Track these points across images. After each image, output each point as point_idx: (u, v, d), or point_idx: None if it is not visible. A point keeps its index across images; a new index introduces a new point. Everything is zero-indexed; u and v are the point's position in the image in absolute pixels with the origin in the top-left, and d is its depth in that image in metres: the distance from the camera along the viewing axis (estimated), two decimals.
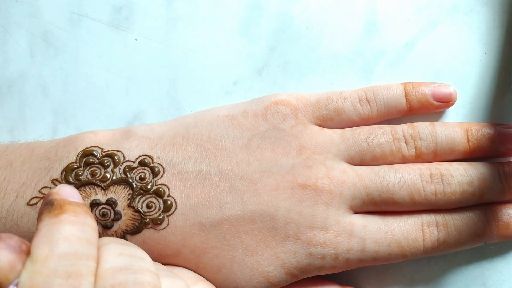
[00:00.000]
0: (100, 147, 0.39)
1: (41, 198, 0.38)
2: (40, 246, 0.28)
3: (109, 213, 0.38)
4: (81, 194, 0.38)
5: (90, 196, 0.38)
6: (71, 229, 0.29)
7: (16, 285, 0.28)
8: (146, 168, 0.39)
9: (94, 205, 0.37)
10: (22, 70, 0.45)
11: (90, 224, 0.30)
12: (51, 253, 0.28)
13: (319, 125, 0.41)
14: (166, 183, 0.39)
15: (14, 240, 0.29)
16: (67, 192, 0.31)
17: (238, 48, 0.45)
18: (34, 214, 0.37)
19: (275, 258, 0.38)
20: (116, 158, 0.39)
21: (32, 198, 0.38)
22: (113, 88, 0.45)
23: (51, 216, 0.29)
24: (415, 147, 0.40)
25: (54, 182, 0.38)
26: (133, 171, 0.39)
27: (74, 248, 0.29)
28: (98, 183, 0.38)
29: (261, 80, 0.45)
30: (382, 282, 0.43)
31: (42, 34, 0.45)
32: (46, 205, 0.30)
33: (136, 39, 0.45)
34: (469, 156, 0.41)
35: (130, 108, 0.45)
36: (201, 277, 0.38)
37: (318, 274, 0.39)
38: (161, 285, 0.31)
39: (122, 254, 0.31)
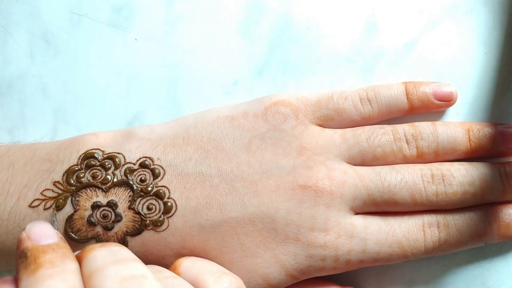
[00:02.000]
0: (101, 149, 0.39)
1: (43, 200, 0.38)
2: None
3: (109, 215, 0.38)
4: (82, 196, 0.38)
5: (91, 198, 0.38)
6: (52, 283, 0.28)
7: None
8: (146, 170, 0.39)
9: (95, 207, 0.38)
10: (22, 70, 0.45)
11: (70, 270, 0.29)
12: None
13: (320, 125, 0.41)
14: (167, 185, 0.39)
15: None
16: (37, 234, 0.30)
17: (238, 48, 0.45)
18: (36, 216, 0.37)
19: (274, 260, 0.38)
20: (117, 160, 0.39)
21: (34, 200, 0.38)
22: (113, 88, 0.45)
23: (28, 274, 0.28)
24: (417, 147, 0.40)
25: (56, 184, 0.38)
26: (134, 173, 0.39)
27: None
28: (99, 185, 0.38)
29: (261, 80, 0.45)
30: (382, 282, 0.43)
31: (42, 34, 0.45)
32: (20, 258, 0.29)
33: (136, 39, 0.45)
34: (470, 155, 0.41)
35: (130, 108, 0.45)
36: (225, 270, 0.37)
37: (318, 275, 0.39)
38: None
39: (125, 279, 0.29)
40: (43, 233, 0.30)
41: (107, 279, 0.28)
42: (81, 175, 0.38)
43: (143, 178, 0.38)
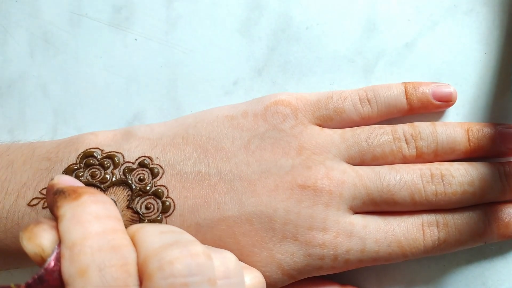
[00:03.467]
0: (101, 148, 0.39)
1: (42, 199, 0.38)
2: (72, 230, 0.29)
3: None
4: None
5: None
6: (97, 208, 0.30)
7: (55, 258, 0.28)
8: (145, 169, 0.39)
9: None
10: (22, 70, 0.45)
11: (109, 201, 0.31)
12: (88, 232, 0.29)
13: (319, 125, 0.41)
14: (165, 184, 0.39)
15: (52, 220, 0.30)
16: (67, 180, 0.32)
17: (238, 48, 0.45)
18: (35, 215, 0.37)
19: (271, 260, 0.38)
20: (116, 159, 0.39)
21: (33, 199, 0.38)
22: (113, 88, 0.45)
23: (70, 201, 0.30)
24: (416, 147, 0.40)
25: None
26: (133, 172, 0.39)
27: (108, 225, 0.29)
28: (98, 184, 0.38)
29: (261, 80, 0.44)
30: (382, 282, 0.43)
31: (42, 34, 0.45)
32: (57, 194, 0.31)
33: (136, 39, 0.45)
34: (469, 155, 0.41)
35: (130, 108, 0.45)
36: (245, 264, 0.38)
37: (316, 275, 0.39)
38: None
39: (163, 232, 0.31)
40: (73, 180, 0.33)
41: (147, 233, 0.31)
42: (80, 174, 0.38)
43: (142, 177, 0.38)
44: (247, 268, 0.37)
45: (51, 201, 0.31)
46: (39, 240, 0.29)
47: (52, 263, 0.28)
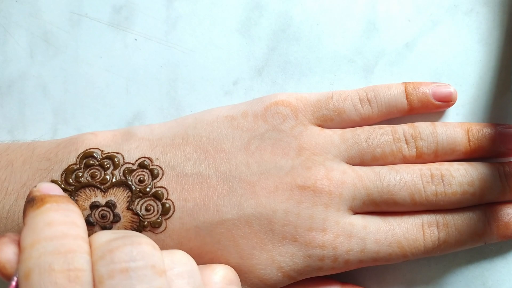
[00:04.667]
0: (100, 149, 0.39)
1: None
2: (26, 236, 0.29)
3: (108, 215, 0.37)
4: (80, 196, 0.38)
5: (89, 198, 0.38)
6: (54, 215, 0.30)
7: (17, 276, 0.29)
8: (145, 170, 0.39)
9: (93, 207, 0.37)
10: (22, 70, 0.45)
11: (73, 210, 0.31)
12: (37, 238, 0.29)
13: (319, 126, 0.41)
14: (165, 186, 0.38)
15: (16, 235, 0.30)
16: (47, 188, 0.32)
17: (238, 48, 0.45)
18: None
19: (271, 262, 0.38)
20: (116, 160, 0.39)
21: None
22: (113, 88, 0.45)
23: (33, 210, 0.30)
24: (416, 147, 0.40)
25: (54, 182, 0.38)
26: (133, 174, 0.38)
27: (59, 231, 0.29)
28: (98, 185, 0.38)
29: (261, 80, 0.44)
30: (382, 282, 0.43)
31: (42, 34, 0.45)
32: (28, 202, 0.31)
33: (136, 39, 0.45)
34: (469, 156, 0.41)
35: (130, 108, 0.45)
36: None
37: (316, 275, 0.39)
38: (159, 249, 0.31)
39: (115, 233, 0.31)
40: (52, 188, 0.32)
41: (99, 234, 0.31)
42: (80, 175, 0.38)
43: (141, 178, 0.38)
44: (213, 264, 0.37)
45: (24, 208, 0.31)
46: None
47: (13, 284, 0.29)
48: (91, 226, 0.37)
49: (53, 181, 0.38)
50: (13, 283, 0.28)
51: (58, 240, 0.29)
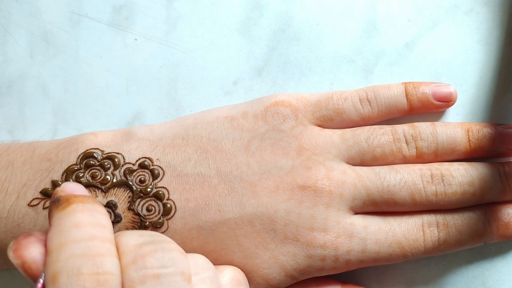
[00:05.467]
0: (101, 149, 0.39)
1: (42, 199, 0.38)
2: (53, 238, 0.29)
3: (109, 215, 0.37)
4: None
5: None
6: (81, 216, 0.30)
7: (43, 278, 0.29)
8: (146, 170, 0.39)
9: None
10: (22, 70, 0.45)
11: (99, 210, 0.31)
12: (65, 240, 0.29)
13: (320, 126, 0.41)
14: (166, 186, 0.38)
15: (43, 234, 0.30)
16: (72, 188, 0.32)
17: (238, 48, 0.45)
18: (35, 215, 0.37)
19: (274, 261, 0.38)
20: (116, 160, 0.39)
21: (33, 199, 0.38)
22: (113, 88, 0.45)
23: (59, 210, 0.30)
24: (416, 147, 0.40)
25: (55, 183, 0.38)
26: (133, 174, 0.38)
27: (87, 232, 0.29)
28: (99, 185, 0.38)
29: (261, 80, 0.44)
30: (382, 282, 0.43)
31: (42, 34, 0.45)
32: (54, 202, 0.31)
33: (136, 39, 0.45)
34: (469, 156, 0.41)
35: (130, 108, 0.45)
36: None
37: (318, 275, 0.39)
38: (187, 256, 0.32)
39: (141, 235, 0.31)
40: (77, 188, 0.32)
41: (126, 235, 0.32)
42: (80, 175, 0.38)
43: (142, 178, 0.38)
44: (220, 266, 0.38)
45: (49, 209, 0.31)
46: (22, 252, 0.29)
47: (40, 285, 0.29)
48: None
49: (53, 182, 0.38)
50: (39, 285, 0.28)
51: (86, 243, 0.29)
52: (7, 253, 0.30)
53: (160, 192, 0.38)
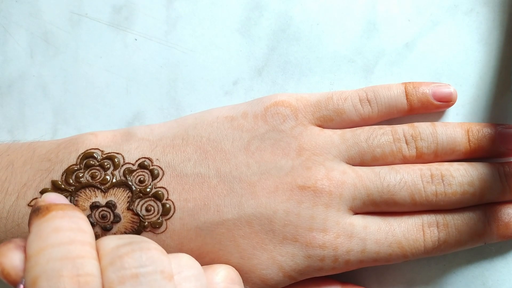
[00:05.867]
0: (101, 149, 0.39)
1: None
2: (32, 243, 0.29)
3: (108, 215, 0.38)
4: (81, 196, 0.38)
5: (90, 199, 0.38)
6: (60, 222, 0.30)
7: (24, 284, 0.29)
8: (145, 170, 0.39)
9: (93, 207, 0.37)
10: (22, 70, 0.45)
11: (80, 217, 0.31)
12: (44, 244, 0.29)
13: (319, 126, 0.41)
14: (165, 186, 0.38)
15: (22, 240, 0.30)
16: (52, 197, 0.32)
17: (238, 48, 0.45)
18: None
19: (272, 262, 0.38)
20: (116, 160, 0.39)
21: (33, 199, 0.38)
22: (113, 88, 0.45)
23: (39, 218, 0.30)
24: (416, 148, 0.40)
25: (55, 183, 0.38)
26: (133, 174, 0.38)
27: (66, 236, 0.29)
28: (98, 185, 0.38)
29: (261, 80, 0.44)
30: (382, 282, 0.43)
31: (42, 34, 0.45)
32: (34, 212, 0.31)
33: (136, 39, 0.45)
34: (469, 156, 0.41)
35: (130, 108, 0.45)
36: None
37: (317, 276, 0.39)
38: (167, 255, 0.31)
39: (121, 238, 0.31)
40: (57, 198, 0.32)
41: (106, 239, 0.31)
42: (80, 175, 0.38)
43: (142, 179, 0.38)
44: (214, 265, 0.37)
45: (29, 218, 0.31)
46: (1, 259, 0.29)
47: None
48: (92, 226, 0.37)
49: (53, 182, 0.38)
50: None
51: (66, 246, 0.29)
52: None
53: (160, 192, 0.38)
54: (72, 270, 0.28)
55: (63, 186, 0.38)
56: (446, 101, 0.42)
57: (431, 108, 0.42)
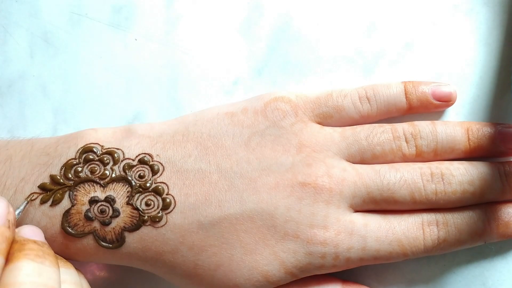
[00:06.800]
0: (100, 144, 0.39)
1: (40, 194, 0.38)
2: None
3: (107, 210, 0.37)
4: (80, 191, 0.38)
5: (89, 193, 0.38)
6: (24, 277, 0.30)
7: None
8: (145, 166, 0.39)
9: (92, 202, 0.37)
10: (22, 70, 0.45)
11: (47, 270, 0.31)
12: None
13: (319, 123, 0.41)
14: (166, 181, 0.38)
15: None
16: (27, 232, 0.34)
17: (238, 48, 0.45)
18: (33, 210, 0.37)
19: (274, 257, 0.38)
20: (115, 155, 0.39)
21: (31, 193, 0.38)
22: (113, 88, 0.45)
23: (8, 263, 0.30)
24: (416, 146, 0.40)
25: (53, 178, 0.38)
26: (133, 169, 0.38)
27: None
28: (97, 180, 0.38)
29: (261, 80, 0.45)
30: (382, 282, 0.43)
31: (42, 34, 0.45)
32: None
33: (136, 39, 0.45)
34: (469, 155, 0.41)
35: (130, 108, 0.45)
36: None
37: (318, 273, 0.39)
38: None
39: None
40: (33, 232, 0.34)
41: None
42: (79, 170, 0.38)
43: (141, 174, 0.38)
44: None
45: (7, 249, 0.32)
46: None
47: None
48: (90, 221, 0.37)
49: (52, 176, 0.38)
50: None
51: None
52: None
53: (160, 187, 0.38)
54: None
55: (61, 181, 0.38)
56: (445, 101, 0.42)
57: (430, 107, 0.42)
